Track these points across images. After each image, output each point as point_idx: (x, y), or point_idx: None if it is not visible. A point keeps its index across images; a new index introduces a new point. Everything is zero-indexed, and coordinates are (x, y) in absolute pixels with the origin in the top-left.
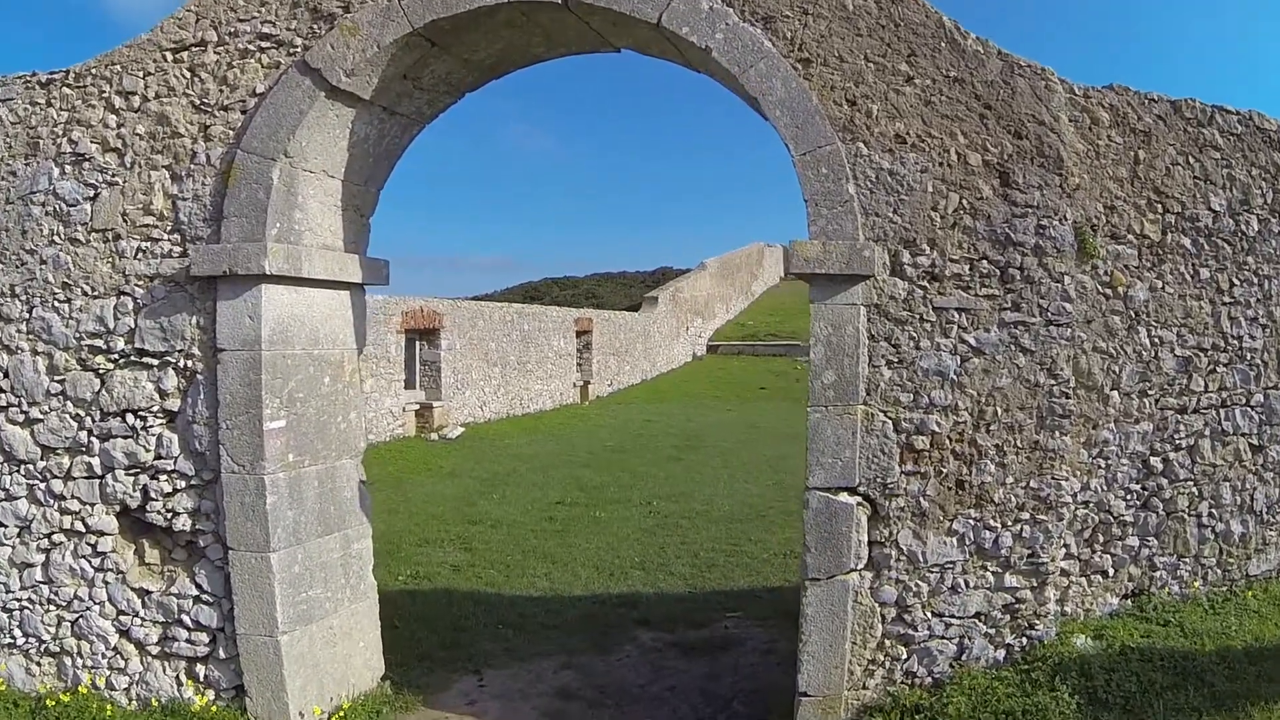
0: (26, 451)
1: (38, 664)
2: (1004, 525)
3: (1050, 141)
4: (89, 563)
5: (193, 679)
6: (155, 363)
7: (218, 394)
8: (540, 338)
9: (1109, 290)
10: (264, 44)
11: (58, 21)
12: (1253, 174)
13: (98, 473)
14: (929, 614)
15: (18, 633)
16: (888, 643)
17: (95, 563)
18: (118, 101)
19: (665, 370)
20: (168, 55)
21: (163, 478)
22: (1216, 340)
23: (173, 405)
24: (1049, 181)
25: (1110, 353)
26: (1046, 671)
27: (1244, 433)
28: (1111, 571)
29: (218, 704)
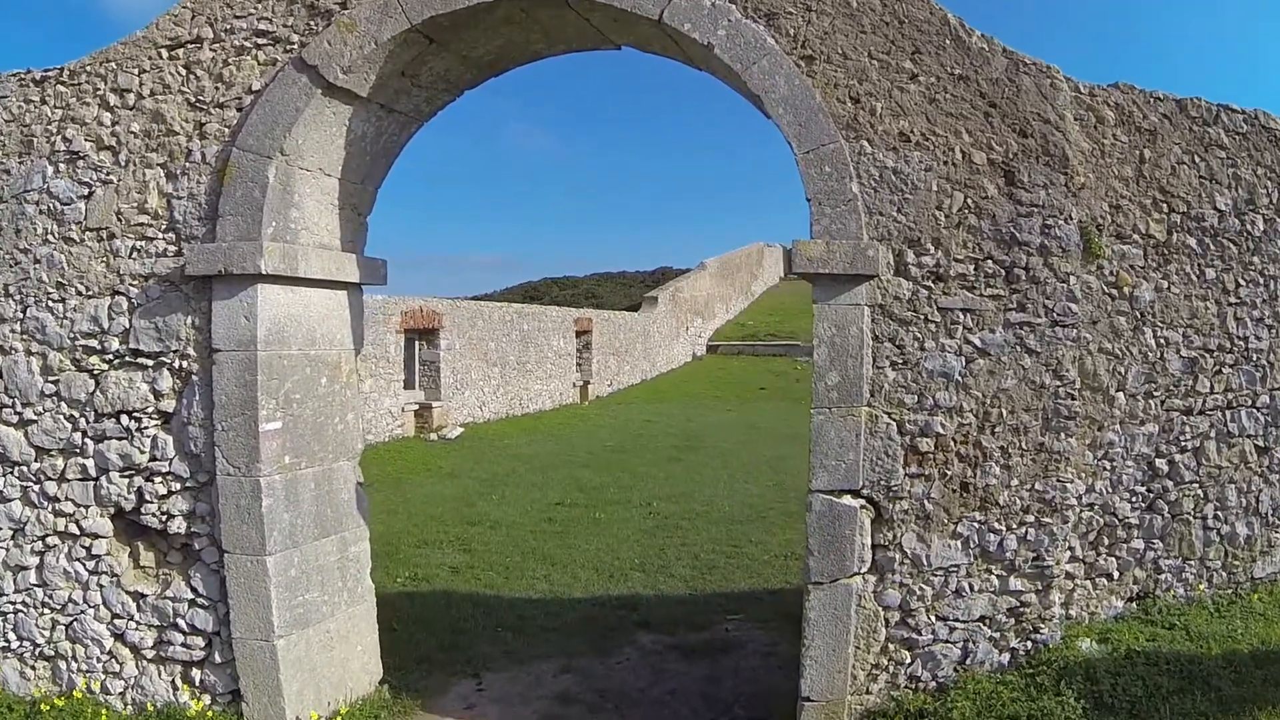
0: (20, 453)
1: (32, 668)
2: (1009, 528)
3: (1055, 140)
4: (83, 565)
5: (188, 683)
6: (150, 363)
7: (213, 395)
8: (540, 338)
9: (1114, 290)
10: (260, 41)
11: (57, 21)
12: (1258, 173)
13: (92, 474)
14: (933, 618)
15: (12, 636)
16: (891, 647)
17: (90, 566)
18: (112, 99)
19: (665, 370)
20: (163, 52)
21: (157, 480)
22: (1222, 341)
23: (168, 406)
24: (1054, 180)
25: (1116, 354)
26: (1052, 676)
27: (1250, 434)
28: (1116, 574)
29: (214, 709)
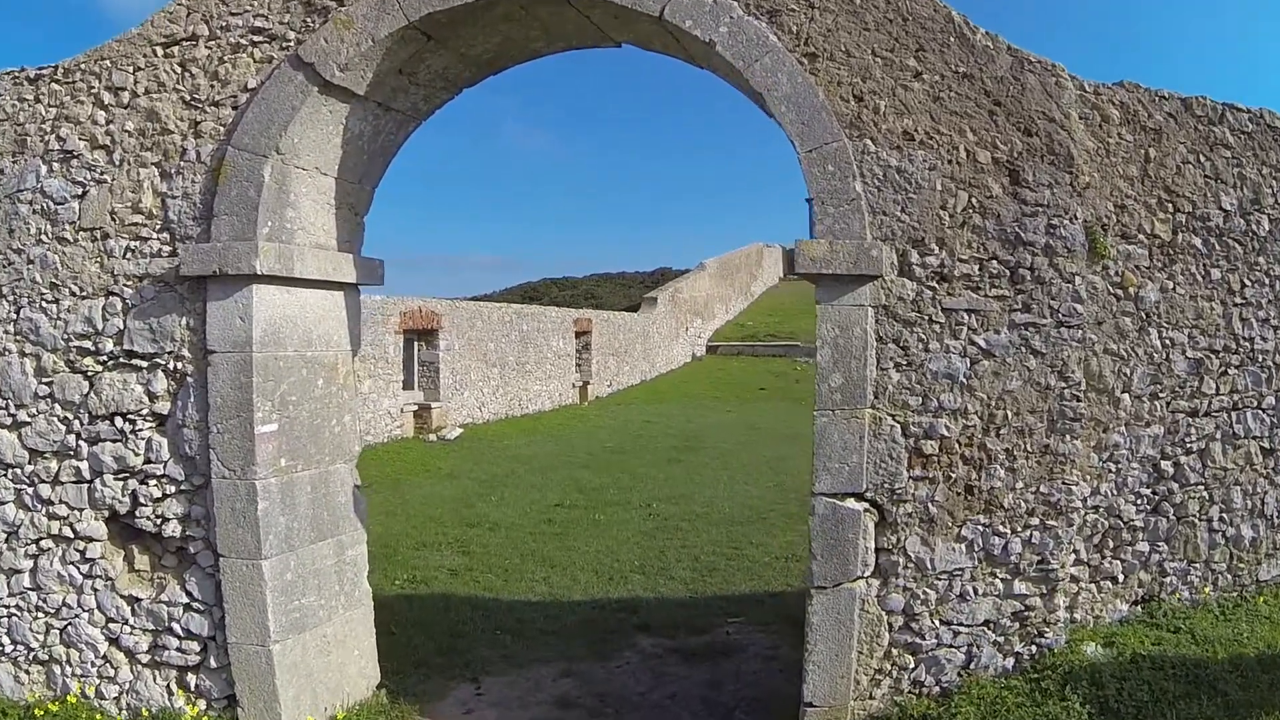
0: (14, 455)
1: (26, 672)
2: (1013, 531)
3: (1060, 139)
4: (77, 569)
5: (184, 689)
6: (144, 365)
7: (208, 397)
8: (539, 338)
9: (1120, 291)
10: (256, 38)
11: (57, 20)
12: (1264, 173)
13: (86, 477)
14: (937, 622)
15: (6, 640)
16: (895, 652)
17: (84, 569)
18: (107, 97)
19: (664, 371)
20: (158, 50)
21: (152, 482)
22: (1228, 342)
23: (162, 408)
24: (1059, 180)
25: (1121, 355)
26: (1057, 680)
27: (1255, 435)
28: (1121, 577)
29: (209, 714)
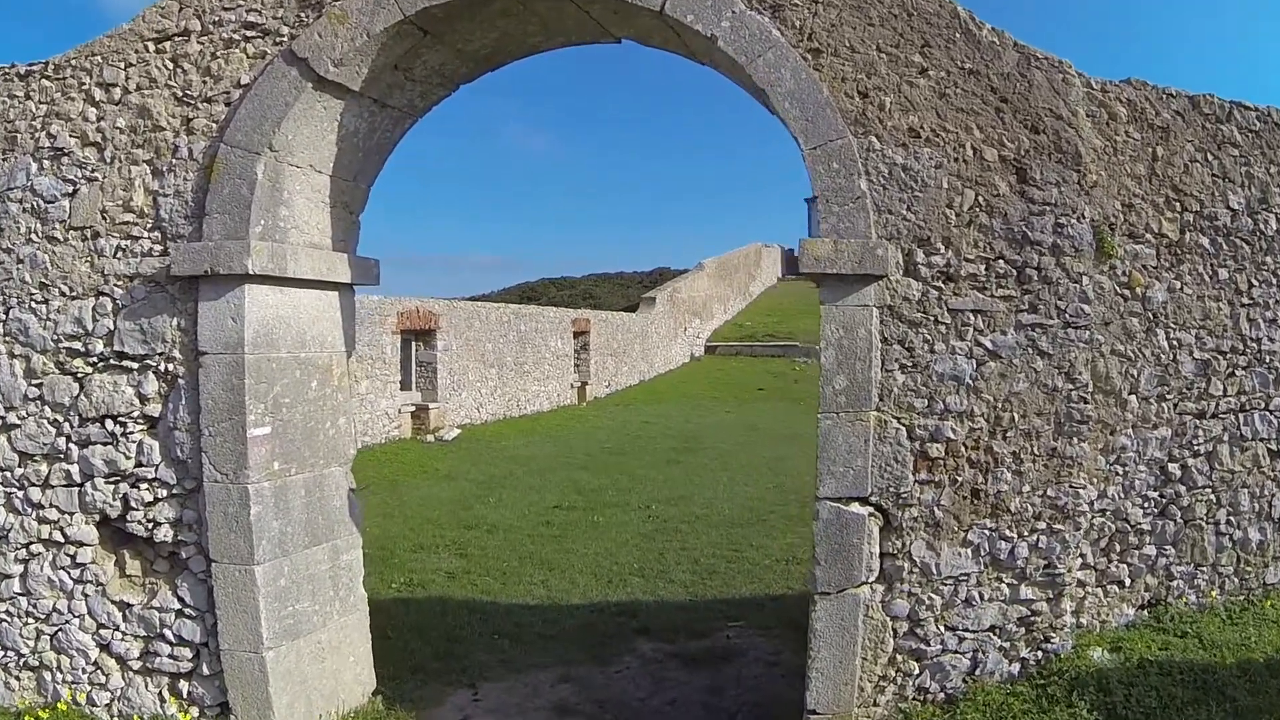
0: (4, 458)
1: (17, 678)
2: (1020, 535)
3: (1068, 137)
4: (68, 574)
5: (176, 696)
6: (135, 366)
7: (199, 399)
8: (537, 338)
9: (1127, 291)
10: (249, 33)
11: (57, 20)
12: (1271, 172)
13: (77, 480)
14: (942, 628)
15: None
16: (899, 658)
17: (75, 574)
18: (98, 94)
19: (663, 371)
20: (150, 46)
21: (143, 486)
22: (1235, 343)
23: (153, 410)
24: (1067, 178)
25: (1128, 356)
26: (1063, 686)
27: (1263, 438)
28: (1128, 581)
29: None
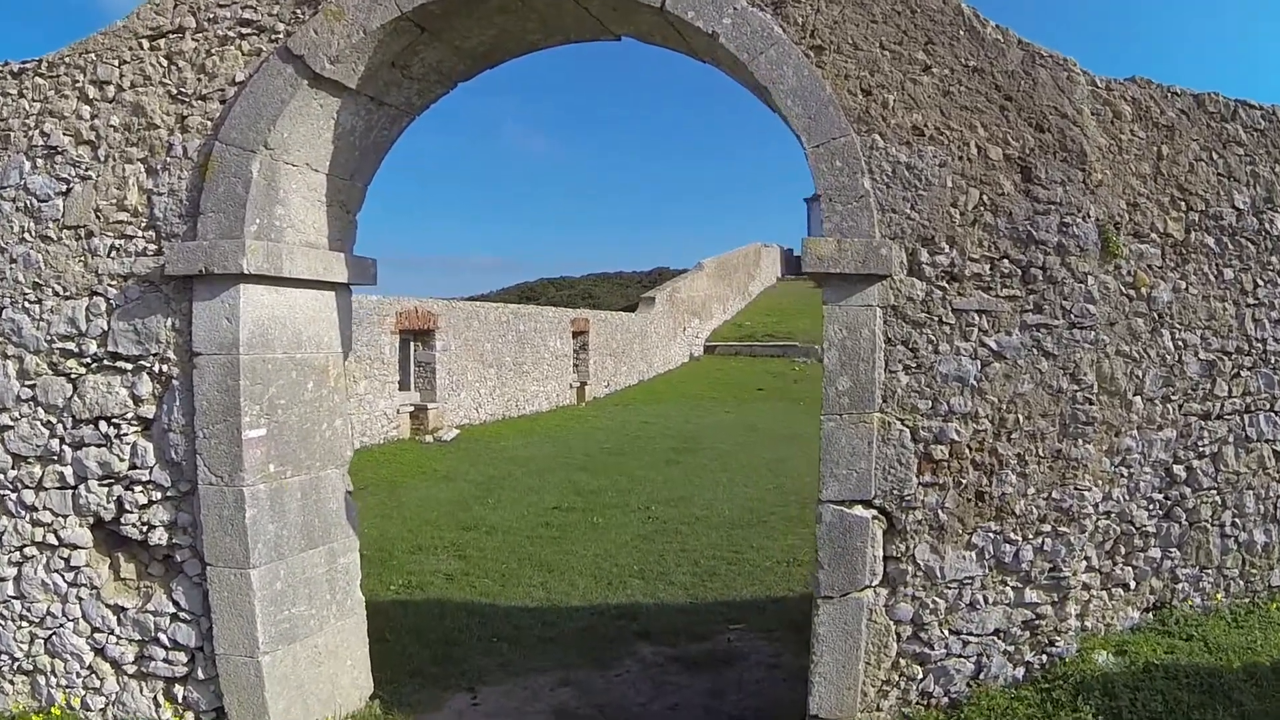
0: None
1: (10, 682)
2: (1025, 538)
3: (1073, 135)
4: (62, 577)
5: (171, 700)
6: (129, 367)
7: (194, 400)
8: (536, 338)
9: (1132, 291)
10: (245, 30)
11: (57, 20)
12: (1277, 171)
13: (70, 483)
14: (946, 632)
15: None
16: (903, 662)
17: (68, 577)
18: (92, 91)
19: (662, 371)
20: (144, 43)
21: (138, 489)
22: (1240, 343)
23: (147, 412)
24: (1072, 177)
25: (1134, 356)
26: (1068, 691)
27: (1268, 439)
28: (1133, 584)
29: None
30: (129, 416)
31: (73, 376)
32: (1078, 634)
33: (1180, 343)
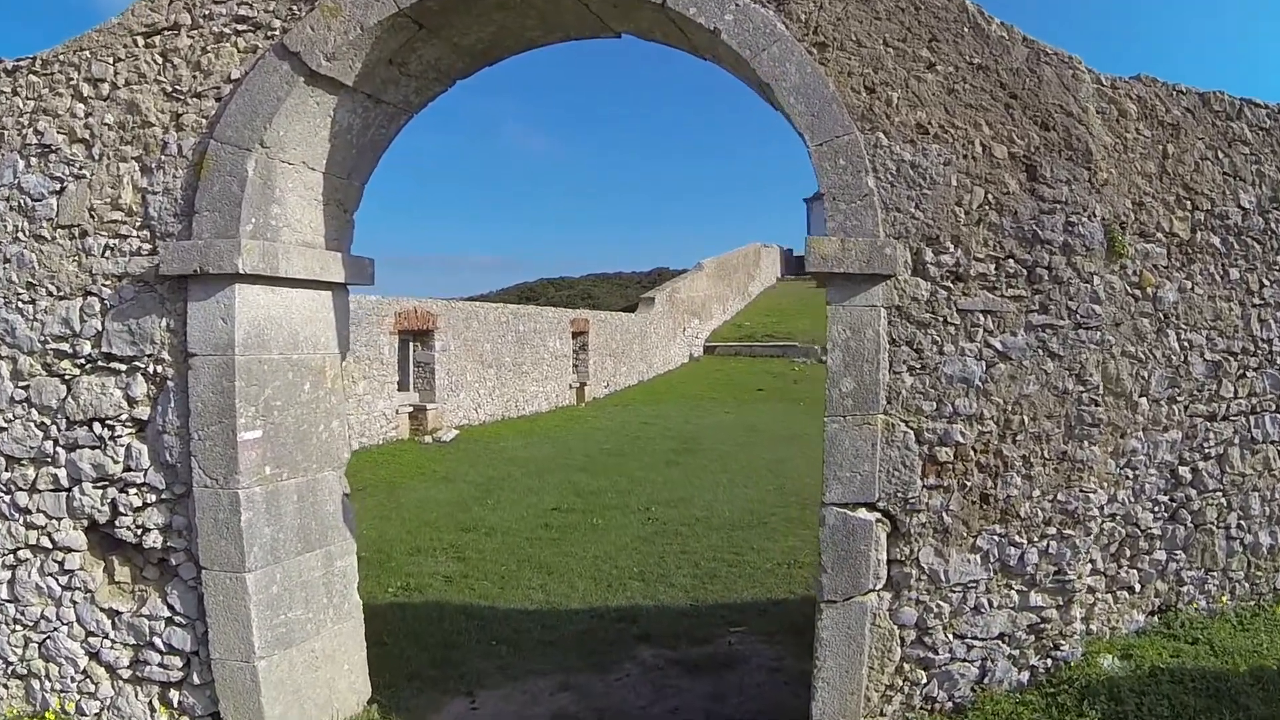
0: None
1: (5, 687)
2: (1030, 541)
3: (1079, 133)
4: (56, 581)
5: (166, 705)
6: (123, 368)
7: (189, 402)
8: (536, 339)
9: (1138, 291)
10: (240, 27)
11: (57, 19)
12: None
13: (64, 485)
14: (950, 635)
15: None
16: (907, 666)
17: (63, 581)
18: (86, 89)
19: (662, 371)
20: (139, 40)
21: (132, 491)
22: (1246, 344)
23: (142, 413)
24: (1077, 176)
25: (1139, 357)
26: (1074, 695)
27: (1274, 440)
28: (1138, 587)
29: None
30: (123, 418)
31: (66, 377)
32: (1083, 637)
33: (1186, 343)
